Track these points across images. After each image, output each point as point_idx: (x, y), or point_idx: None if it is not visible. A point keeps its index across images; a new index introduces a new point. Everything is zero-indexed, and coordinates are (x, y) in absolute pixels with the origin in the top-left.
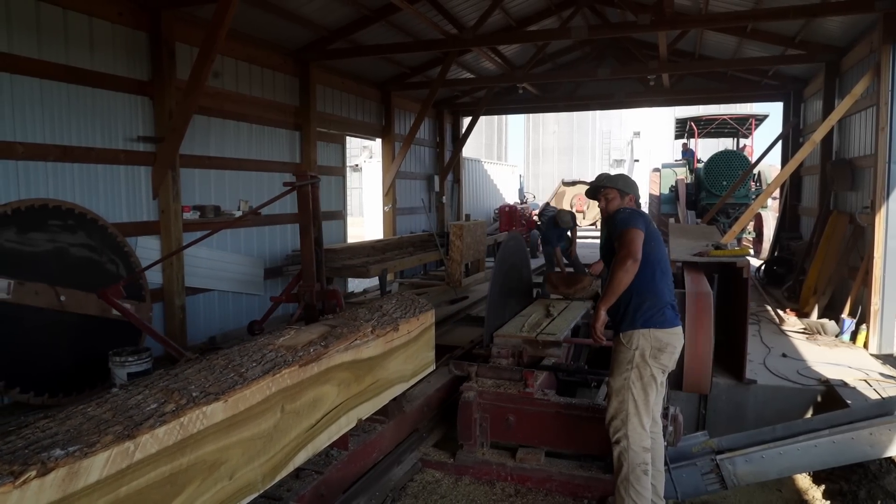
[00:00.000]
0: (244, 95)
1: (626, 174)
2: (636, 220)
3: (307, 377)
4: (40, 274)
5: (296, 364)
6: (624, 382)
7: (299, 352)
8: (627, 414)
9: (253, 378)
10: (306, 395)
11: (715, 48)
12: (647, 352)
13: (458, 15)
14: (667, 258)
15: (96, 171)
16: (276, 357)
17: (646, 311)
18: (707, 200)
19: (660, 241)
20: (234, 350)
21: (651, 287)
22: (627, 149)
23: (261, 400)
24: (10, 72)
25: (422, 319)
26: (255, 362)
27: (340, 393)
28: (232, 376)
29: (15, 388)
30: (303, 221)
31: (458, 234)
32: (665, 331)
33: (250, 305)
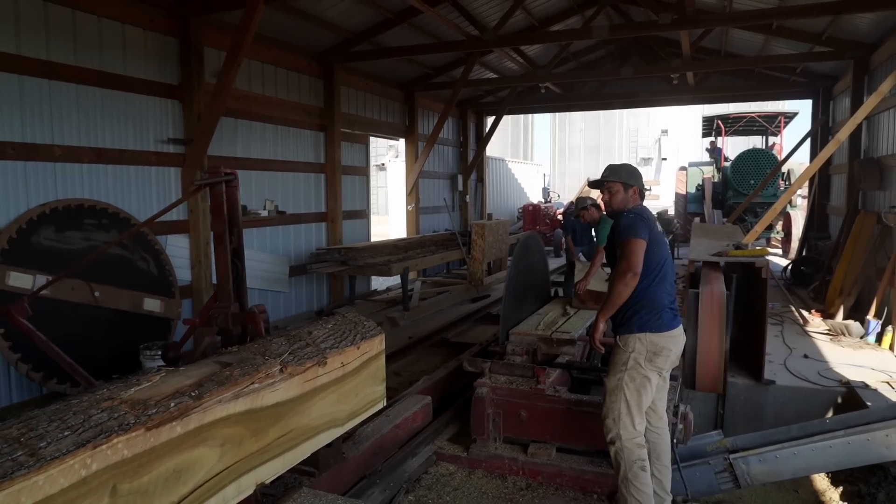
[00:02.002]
0: (270, 97)
1: (630, 164)
2: (639, 227)
3: (161, 443)
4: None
5: (140, 427)
6: (618, 383)
7: (152, 408)
8: (619, 413)
9: (55, 456)
10: (161, 467)
11: (741, 45)
12: (642, 355)
13: (480, 16)
14: (668, 260)
15: (129, 172)
16: (107, 420)
17: (642, 315)
18: (734, 199)
19: (662, 243)
20: (47, 412)
21: (648, 293)
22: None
23: (68, 486)
24: (48, 78)
25: (364, 348)
26: (68, 430)
27: (226, 455)
28: (19, 455)
29: (52, 378)
30: (216, 229)
31: (480, 234)
32: (661, 335)
33: (275, 302)
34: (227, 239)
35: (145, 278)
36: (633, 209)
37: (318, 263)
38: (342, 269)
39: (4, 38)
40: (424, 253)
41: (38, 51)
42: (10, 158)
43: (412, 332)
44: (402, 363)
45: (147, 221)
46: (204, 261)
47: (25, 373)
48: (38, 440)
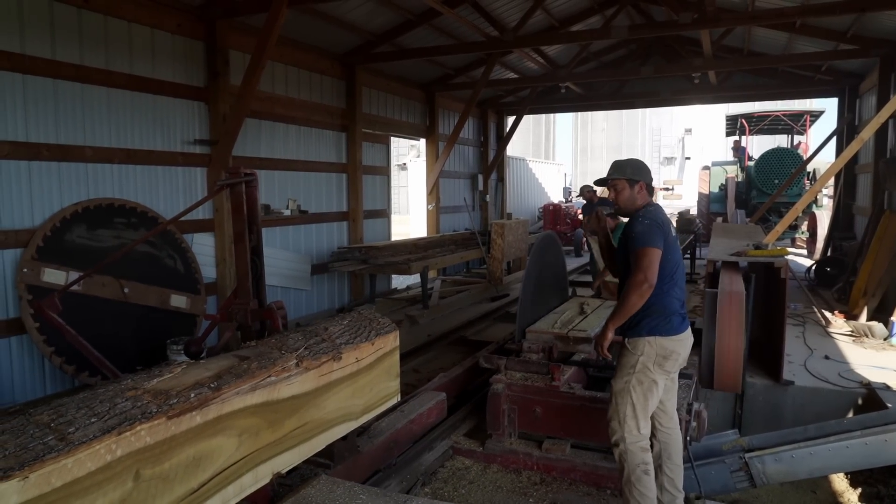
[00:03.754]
0: (293, 99)
1: (637, 158)
2: (654, 235)
3: (181, 431)
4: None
5: (161, 416)
6: (625, 386)
7: (173, 398)
8: (624, 416)
9: (82, 441)
10: (181, 454)
11: (764, 44)
12: (651, 359)
13: (500, 17)
14: (680, 265)
15: (157, 172)
16: (131, 408)
17: (653, 319)
18: (758, 199)
19: (675, 248)
20: (75, 400)
21: (660, 298)
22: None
23: (95, 469)
24: (81, 82)
25: (378, 344)
26: (95, 417)
27: (244, 445)
28: (49, 440)
29: (84, 371)
30: (236, 227)
31: (500, 233)
32: (671, 338)
33: (297, 300)
34: (246, 237)
35: (172, 275)
36: (647, 213)
37: (339, 262)
38: (363, 267)
39: (40, 44)
40: (444, 252)
41: (71, 55)
42: (45, 159)
43: (431, 330)
44: (421, 360)
45: (172, 220)
46: (228, 258)
47: (59, 365)
48: (67, 426)
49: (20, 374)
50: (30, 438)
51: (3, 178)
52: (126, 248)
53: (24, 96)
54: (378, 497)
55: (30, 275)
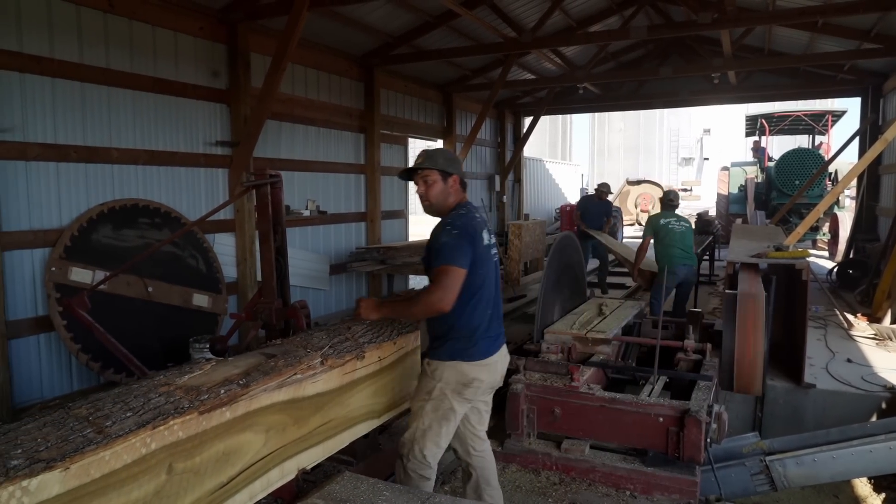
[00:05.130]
0: (312, 100)
1: (448, 149)
2: (462, 252)
3: (212, 426)
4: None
5: (193, 411)
6: (419, 411)
7: (204, 394)
8: (412, 439)
9: (119, 434)
10: (211, 449)
11: (785, 43)
12: (450, 386)
13: (518, 18)
14: (490, 279)
15: (179, 173)
16: (164, 403)
17: (457, 342)
18: (778, 200)
19: (485, 259)
20: (111, 394)
21: (462, 318)
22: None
23: (130, 462)
24: (107, 84)
25: (400, 343)
26: (130, 411)
27: (270, 440)
28: (88, 432)
29: (109, 368)
30: (261, 228)
31: (517, 234)
32: (473, 364)
33: (316, 300)
34: (271, 237)
35: (195, 275)
36: (457, 218)
37: (357, 262)
38: (381, 267)
39: (68, 48)
40: None
41: (98, 59)
42: (73, 161)
43: None
44: None
45: (198, 221)
46: (249, 258)
47: (85, 362)
48: (105, 419)
49: (48, 371)
50: (70, 431)
51: (32, 180)
52: (153, 248)
53: (54, 99)
54: (401, 494)
55: (57, 274)
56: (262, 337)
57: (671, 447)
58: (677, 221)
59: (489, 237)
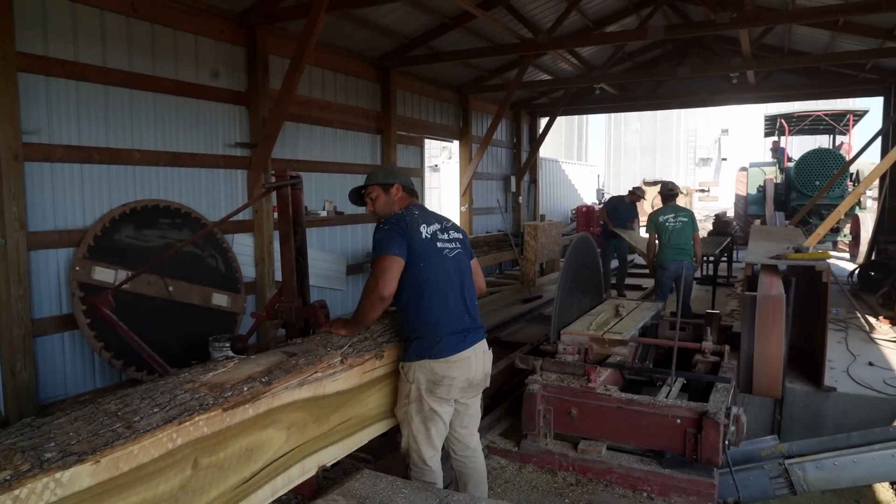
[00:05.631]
0: (330, 102)
1: (388, 165)
2: (391, 242)
3: (236, 423)
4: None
5: (217, 408)
6: (404, 416)
7: (228, 391)
8: (409, 447)
9: (147, 429)
10: (235, 445)
11: (806, 42)
12: (423, 386)
13: (534, 18)
14: (449, 272)
15: (199, 174)
16: (190, 399)
17: (422, 341)
18: (798, 201)
19: (432, 255)
20: (139, 390)
21: (420, 313)
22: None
23: (157, 456)
24: (129, 87)
25: None
26: (157, 407)
27: (292, 437)
28: (117, 427)
29: (131, 366)
30: (282, 228)
31: (533, 235)
32: (440, 361)
33: (333, 300)
34: (291, 238)
35: (214, 275)
36: (392, 217)
37: None
38: None
39: (92, 52)
40: (477, 253)
41: (121, 62)
42: (96, 162)
43: None
44: None
45: (219, 222)
46: (267, 259)
47: (108, 360)
48: (133, 415)
49: (72, 368)
50: (100, 426)
51: (57, 181)
52: (175, 248)
53: (78, 102)
54: (420, 492)
55: (81, 273)
56: (281, 336)
57: (689, 449)
58: (675, 217)
59: (443, 233)
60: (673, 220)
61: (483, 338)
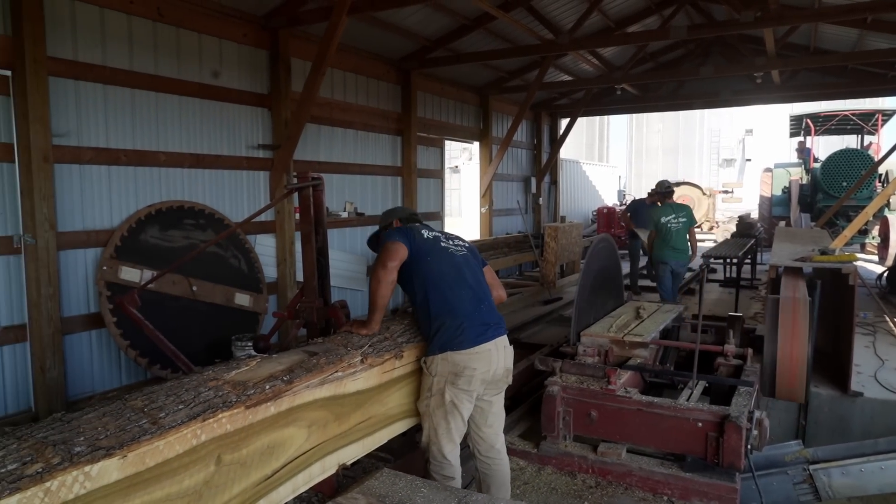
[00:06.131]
0: (351, 104)
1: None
2: (395, 235)
3: (258, 420)
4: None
5: (240, 405)
6: (425, 409)
7: (250, 389)
8: (428, 441)
9: (172, 425)
10: (257, 442)
11: (832, 41)
12: (444, 378)
13: (555, 19)
14: (458, 267)
15: (223, 175)
16: (213, 397)
17: (444, 333)
18: (824, 202)
19: (440, 252)
20: (164, 387)
21: (438, 304)
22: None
23: (182, 452)
24: (155, 91)
25: None
26: (182, 404)
27: (312, 436)
28: (144, 423)
29: (156, 364)
30: (304, 229)
31: (553, 236)
32: (461, 352)
33: (353, 300)
34: (313, 238)
35: (237, 275)
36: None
37: None
38: None
39: (120, 56)
40: (497, 255)
41: (147, 66)
42: (123, 164)
43: None
44: None
45: (242, 223)
46: (288, 259)
47: (134, 358)
48: (158, 411)
49: (98, 366)
50: (127, 421)
51: (86, 182)
52: (199, 248)
53: (105, 105)
54: (439, 491)
55: (108, 272)
56: (302, 336)
57: (710, 453)
58: (675, 218)
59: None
60: (674, 220)
61: (504, 333)
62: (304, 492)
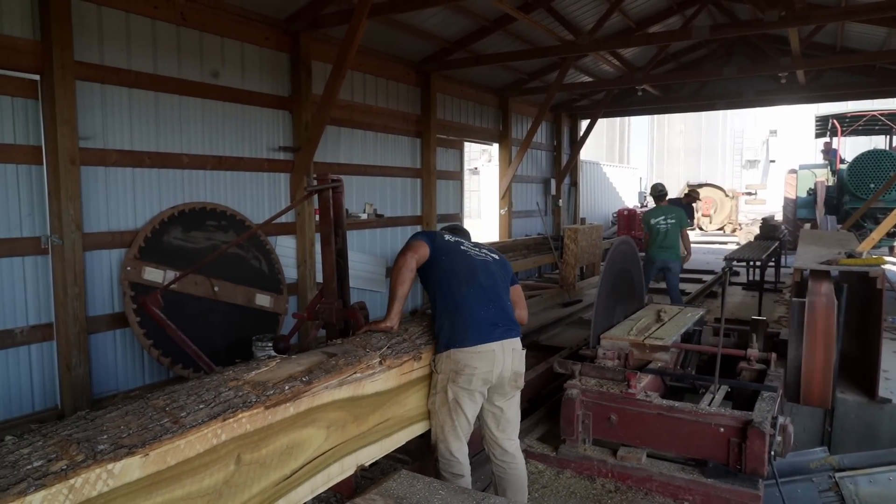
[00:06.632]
0: (370, 106)
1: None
2: (418, 234)
3: (277, 420)
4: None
5: (260, 405)
6: (432, 407)
7: (270, 389)
8: (436, 439)
9: (193, 425)
10: (276, 442)
11: (859, 39)
12: (447, 376)
13: (575, 20)
14: (474, 269)
15: (244, 177)
16: (234, 397)
17: (448, 330)
18: (851, 204)
19: (458, 254)
20: (185, 387)
21: (446, 299)
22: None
23: (203, 451)
24: (179, 94)
25: None
26: (203, 404)
27: (331, 436)
28: (165, 422)
29: (178, 364)
30: (323, 231)
31: (573, 238)
32: (464, 350)
33: (372, 301)
34: (332, 240)
35: (258, 276)
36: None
37: None
38: None
39: (144, 60)
40: (516, 256)
41: (171, 70)
42: (147, 166)
43: None
44: None
45: (263, 224)
46: (308, 260)
47: (156, 357)
48: (180, 410)
49: (122, 365)
50: (149, 420)
51: (111, 184)
52: (221, 249)
53: (130, 108)
54: (456, 493)
55: (132, 273)
56: (321, 337)
57: (733, 459)
58: (664, 220)
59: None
60: (664, 222)
61: (515, 336)
62: (323, 492)
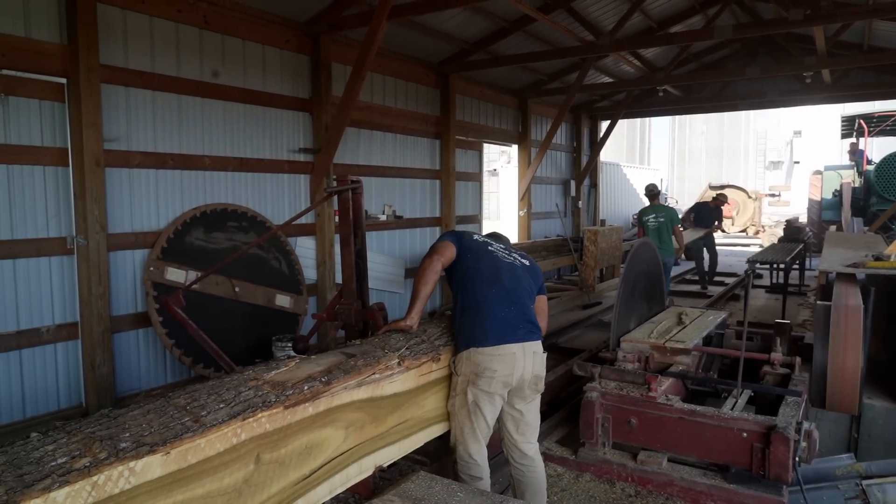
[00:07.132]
0: (390, 108)
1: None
2: (447, 235)
3: (296, 420)
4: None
5: (279, 405)
6: (451, 408)
7: (289, 389)
8: (455, 440)
9: (213, 424)
10: (295, 442)
11: (887, 38)
12: (467, 377)
13: (595, 20)
14: (498, 269)
15: (265, 179)
16: (253, 396)
17: (468, 329)
18: (878, 206)
19: (485, 254)
20: (206, 386)
21: (467, 297)
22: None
23: (223, 450)
24: (201, 96)
25: None
26: (223, 403)
27: (350, 437)
28: (186, 421)
29: (199, 363)
30: (343, 232)
31: (593, 240)
32: (482, 350)
33: (392, 302)
34: (352, 241)
35: (278, 276)
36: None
37: None
38: None
39: (167, 63)
40: (535, 258)
41: (193, 72)
42: (170, 168)
43: None
44: None
45: (283, 225)
46: (328, 261)
47: (178, 357)
48: (200, 409)
49: (145, 364)
50: (170, 419)
51: (134, 185)
52: (242, 249)
53: (154, 111)
54: (475, 496)
55: (155, 273)
56: (340, 337)
57: (756, 464)
58: (655, 218)
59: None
60: (654, 219)
61: (536, 339)
62: (342, 492)
